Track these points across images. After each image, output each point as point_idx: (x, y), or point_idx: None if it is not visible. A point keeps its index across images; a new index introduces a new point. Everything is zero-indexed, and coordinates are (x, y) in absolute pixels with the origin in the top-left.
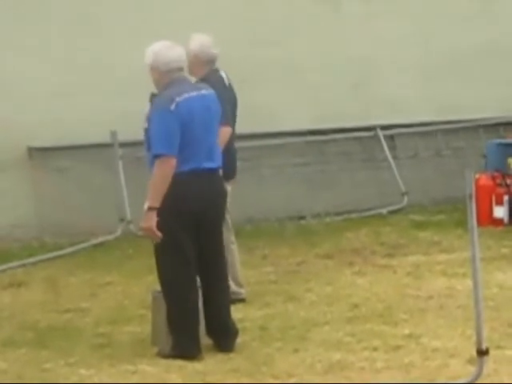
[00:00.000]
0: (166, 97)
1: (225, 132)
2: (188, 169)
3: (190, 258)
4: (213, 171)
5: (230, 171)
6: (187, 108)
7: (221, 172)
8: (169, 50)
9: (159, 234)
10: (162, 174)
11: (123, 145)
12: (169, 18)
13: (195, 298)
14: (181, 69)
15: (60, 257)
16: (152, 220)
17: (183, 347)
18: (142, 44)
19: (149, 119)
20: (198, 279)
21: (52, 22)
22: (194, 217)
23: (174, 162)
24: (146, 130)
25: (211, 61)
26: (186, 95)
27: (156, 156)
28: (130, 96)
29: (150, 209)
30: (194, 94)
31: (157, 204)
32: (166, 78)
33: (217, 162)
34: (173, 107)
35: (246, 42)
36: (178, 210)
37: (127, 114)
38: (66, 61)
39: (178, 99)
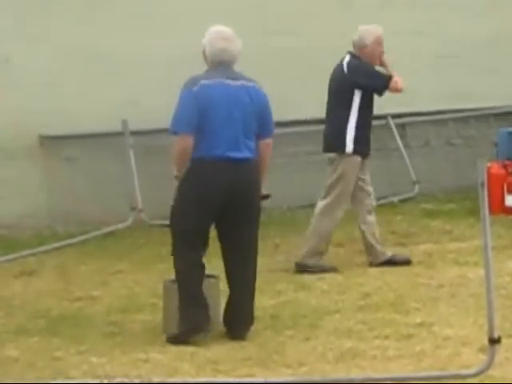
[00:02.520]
0: (193, 79)
1: None
2: (211, 156)
3: (199, 243)
4: (238, 161)
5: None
6: (209, 93)
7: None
8: (217, 42)
9: None
10: (179, 151)
11: (134, 133)
12: (180, 8)
13: (196, 283)
14: (222, 62)
15: (71, 245)
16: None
17: (189, 319)
18: (153, 33)
19: None
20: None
21: (65, 11)
22: (213, 203)
23: (190, 139)
24: None
25: None
26: (212, 81)
27: (173, 133)
28: (141, 85)
29: (177, 177)
30: (225, 81)
31: (181, 173)
32: (208, 62)
33: (243, 153)
34: (195, 89)
35: (260, 32)
36: (196, 196)
37: (138, 103)
38: (78, 49)
39: (202, 82)
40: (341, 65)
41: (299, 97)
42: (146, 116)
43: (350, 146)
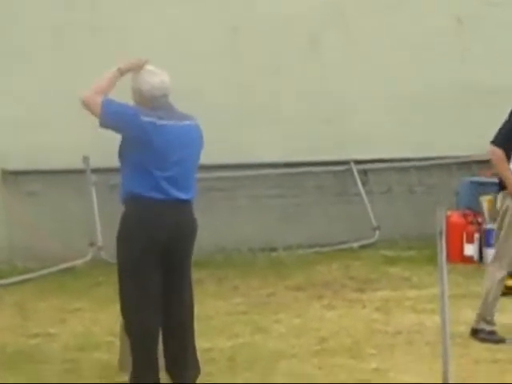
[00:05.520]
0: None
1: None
2: (157, 197)
3: (151, 288)
4: (183, 202)
5: None
6: (164, 134)
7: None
8: (152, 76)
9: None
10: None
11: (95, 171)
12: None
13: (154, 345)
14: (164, 95)
15: (29, 281)
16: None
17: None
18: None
19: None
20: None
21: (26, 48)
22: (159, 246)
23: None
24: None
25: None
26: (163, 122)
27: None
28: None
29: (120, 69)
30: (171, 122)
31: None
32: (148, 103)
33: (189, 194)
34: (144, 119)
35: (222, 77)
36: (143, 237)
37: (100, 140)
38: (40, 86)
39: (158, 122)
40: None
41: (262, 140)
42: (108, 154)
43: None
